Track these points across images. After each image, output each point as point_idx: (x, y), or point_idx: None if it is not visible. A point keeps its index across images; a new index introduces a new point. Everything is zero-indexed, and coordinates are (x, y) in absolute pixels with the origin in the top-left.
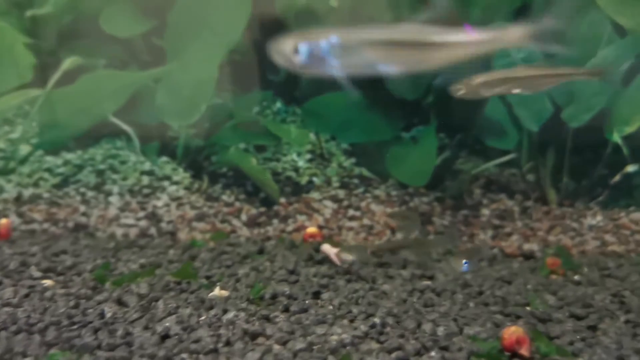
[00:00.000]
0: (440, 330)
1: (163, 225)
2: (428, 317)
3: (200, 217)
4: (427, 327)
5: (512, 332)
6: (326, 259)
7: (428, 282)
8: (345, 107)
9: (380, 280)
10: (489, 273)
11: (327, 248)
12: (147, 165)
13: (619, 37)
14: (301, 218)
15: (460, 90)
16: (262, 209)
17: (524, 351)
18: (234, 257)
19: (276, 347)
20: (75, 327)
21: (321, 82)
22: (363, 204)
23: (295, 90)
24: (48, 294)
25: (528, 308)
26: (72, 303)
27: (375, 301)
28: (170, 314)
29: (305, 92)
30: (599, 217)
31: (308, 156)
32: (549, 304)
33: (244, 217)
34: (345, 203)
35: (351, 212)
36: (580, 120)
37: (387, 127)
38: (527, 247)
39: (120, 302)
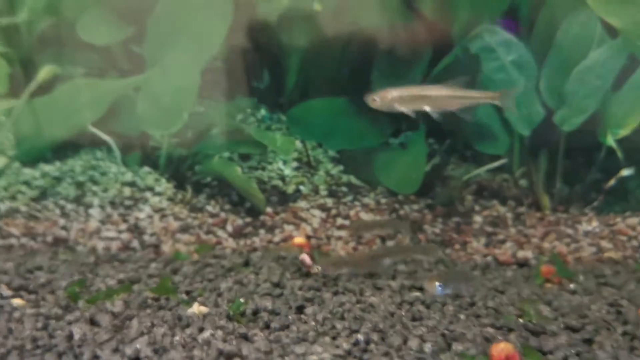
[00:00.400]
0: (427, 347)
1: (146, 237)
2: (415, 332)
3: (185, 229)
4: (413, 343)
5: (502, 349)
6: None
7: (418, 294)
8: (331, 113)
9: (368, 292)
10: (481, 282)
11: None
12: (128, 176)
13: (610, 37)
14: (288, 228)
15: (374, 101)
16: (248, 219)
17: None
18: (217, 270)
19: None
20: (38, 351)
21: (306, 87)
22: (352, 213)
23: (280, 96)
24: (16, 314)
25: (521, 320)
26: (40, 324)
27: (361, 315)
28: (142, 334)
29: (290, 98)
30: (594, 223)
31: (294, 164)
32: (543, 315)
33: (229, 227)
34: (334, 212)
35: (340, 221)
36: (572, 123)
37: (375, 133)
38: (521, 254)
39: (92, 322)
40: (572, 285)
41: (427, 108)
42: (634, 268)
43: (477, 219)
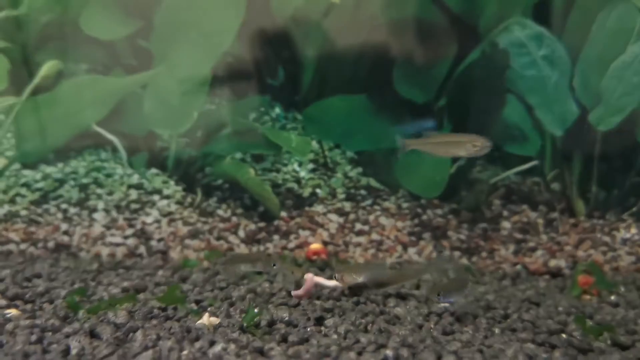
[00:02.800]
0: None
1: (153, 243)
2: (449, 347)
3: (194, 234)
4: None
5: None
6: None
7: (446, 304)
8: (350, 112)
9: (391, 303)
10: (512, 292)
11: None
12: (135, 179)
13: None
14: (304, 234)
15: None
16: (262, 224)
17: None
18: (228, 278)
19: None
20: None
21: (323, 84)
22: (371, 218)
23: (296, 94)
24: (9, 326)
25: (564, 335)
26: (34, 337)
27: (386, 327)
28: (147, 349)
29: (307, 96)
30: (633, 230)
31: (310, 166)
32: (587, 329)
33: (241, 233)
34: (352, 217)
35: (359, 226)
36: (609, 123)
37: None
38: (553, 263)
39: (92, 335)
40: (612, 297)
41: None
42: None
43: (506, 225)
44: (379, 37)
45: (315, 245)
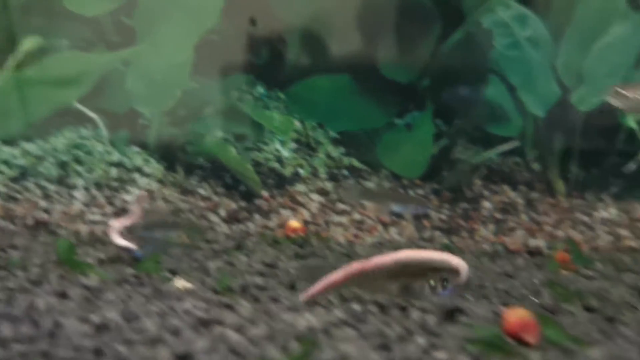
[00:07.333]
0: (431, 319)
1: None
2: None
3: (175, 213)
4: (414, 314)
5: (516, 315)
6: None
7: None
8: (333, 91)
9: None
10: (490, 268)
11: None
12: (115, 156)
13: (633, 11)
14: (285, 213)
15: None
16: (243, 204)
17: (530, 338)
18: (207, 252)
19: (232, 334)
20: None
21: (307, 63)
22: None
23: (279, 73)
24: None
25: (534, 299)
26: (1, 295)
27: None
28: (115, 304)
29: (290, 75)
30: (612, 210)
31: (293, 145)
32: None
33: (222, 212)
34: (334, 196)
35: (340, 206)
36: (591, 103)
37: (379, 113)
38: (532, 243)
39: (61, 295)
40: (590, 272)
41: None
42: None
43: (486, 205)
44: (363, 17)
45: (294, 223)
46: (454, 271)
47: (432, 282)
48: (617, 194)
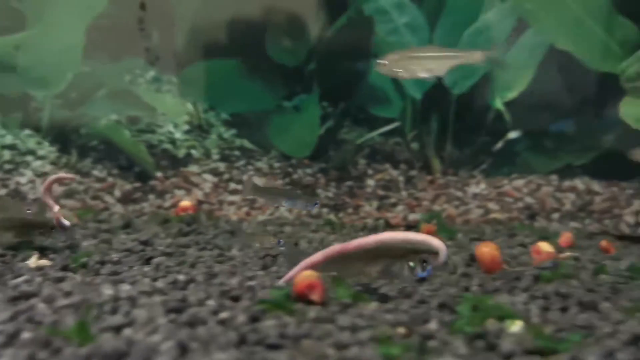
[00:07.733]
0: (234, 282)
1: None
2: (218, 268)
3: (69, 194)
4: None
5: (305, 276)
6: (196, 230)
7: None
8: (224, 75)
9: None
10: None
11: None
12: (8, 139)
13: (500, 0)
14: (179, 193)
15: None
16: (137, 184)
17: (315, 296)
18: (90, 232)
19: (39, 305)
20: None
21: (198, 47)
22: (245, 177)
23: (171, 57)
24: None
25: None
26: None
27: (211, 265)
28: None
29: (182, 59)
30: (482, 185)
31: (185, 127)
32: None
33: (117, 193)
34: (226, 176)
35: (232, 185)
36: (462, 86)
37: (268, 96)
38: (412, 217)
39: None
40: (449, 242)
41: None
42: (514, 227)
43: (370, 182)
44: (252, 2)
45: (184, 202)
46: (434, 252)
47: (411, 264)
48: (486, 171)
